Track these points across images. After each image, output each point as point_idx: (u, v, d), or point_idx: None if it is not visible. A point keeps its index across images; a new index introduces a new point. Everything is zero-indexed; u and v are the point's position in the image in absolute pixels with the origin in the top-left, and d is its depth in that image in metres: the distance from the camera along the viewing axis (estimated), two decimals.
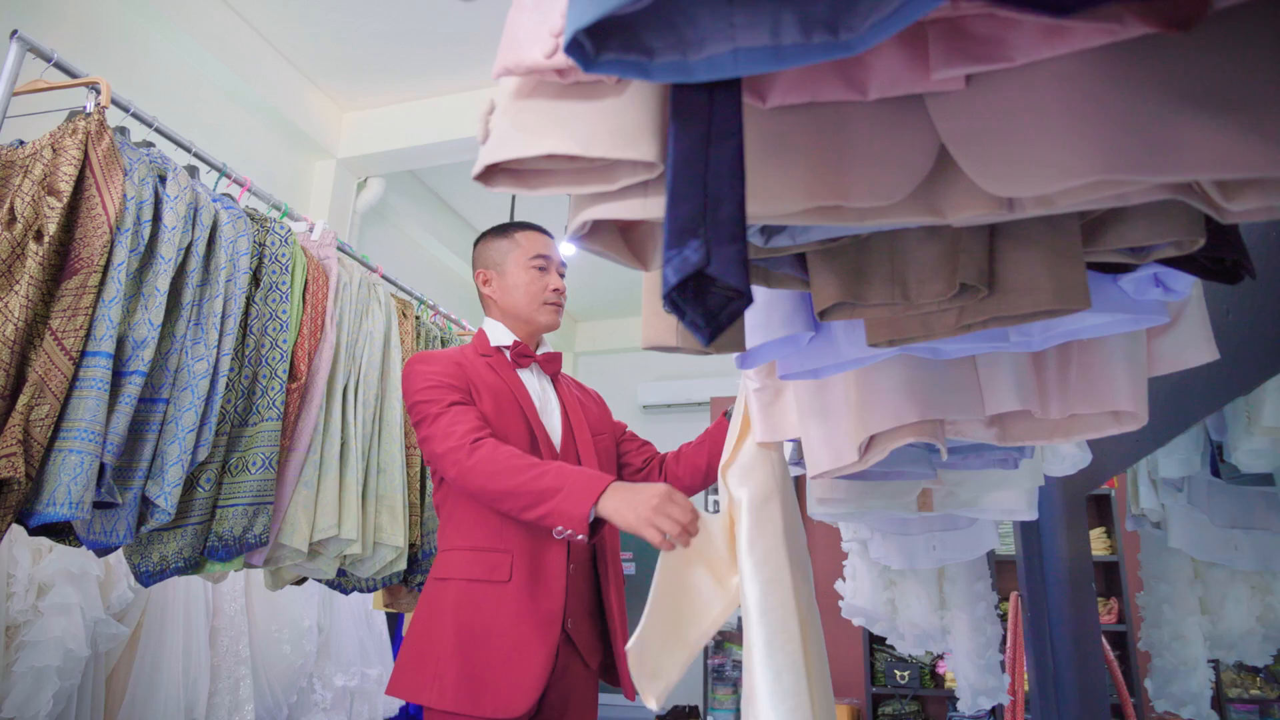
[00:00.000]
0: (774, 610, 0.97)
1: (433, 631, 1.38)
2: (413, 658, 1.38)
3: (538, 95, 0.59)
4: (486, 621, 1.35)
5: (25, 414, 1.25)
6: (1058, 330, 0.87)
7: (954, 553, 2.34)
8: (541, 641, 1.34)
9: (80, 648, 2.10)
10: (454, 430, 1.37)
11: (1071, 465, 1.73)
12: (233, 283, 1.60)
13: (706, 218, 0.43)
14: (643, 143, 0.55)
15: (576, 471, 1.29)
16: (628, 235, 0.67)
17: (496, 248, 1.66)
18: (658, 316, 0.77)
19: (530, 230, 1.68)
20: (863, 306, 0.70)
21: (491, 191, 2.41)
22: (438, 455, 1.38)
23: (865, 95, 0.55)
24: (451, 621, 1.36)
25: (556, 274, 1.66)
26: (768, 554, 1.02)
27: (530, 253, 1.64)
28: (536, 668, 1.32)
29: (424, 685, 1.33)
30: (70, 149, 1.36)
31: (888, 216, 0.58)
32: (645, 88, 0.56)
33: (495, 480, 1.30)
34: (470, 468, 1.32)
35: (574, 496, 1.24)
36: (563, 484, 1.26)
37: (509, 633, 1.34)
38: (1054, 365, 0.99)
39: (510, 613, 1.36)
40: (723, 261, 0.42)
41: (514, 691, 1.30)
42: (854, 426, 1.00)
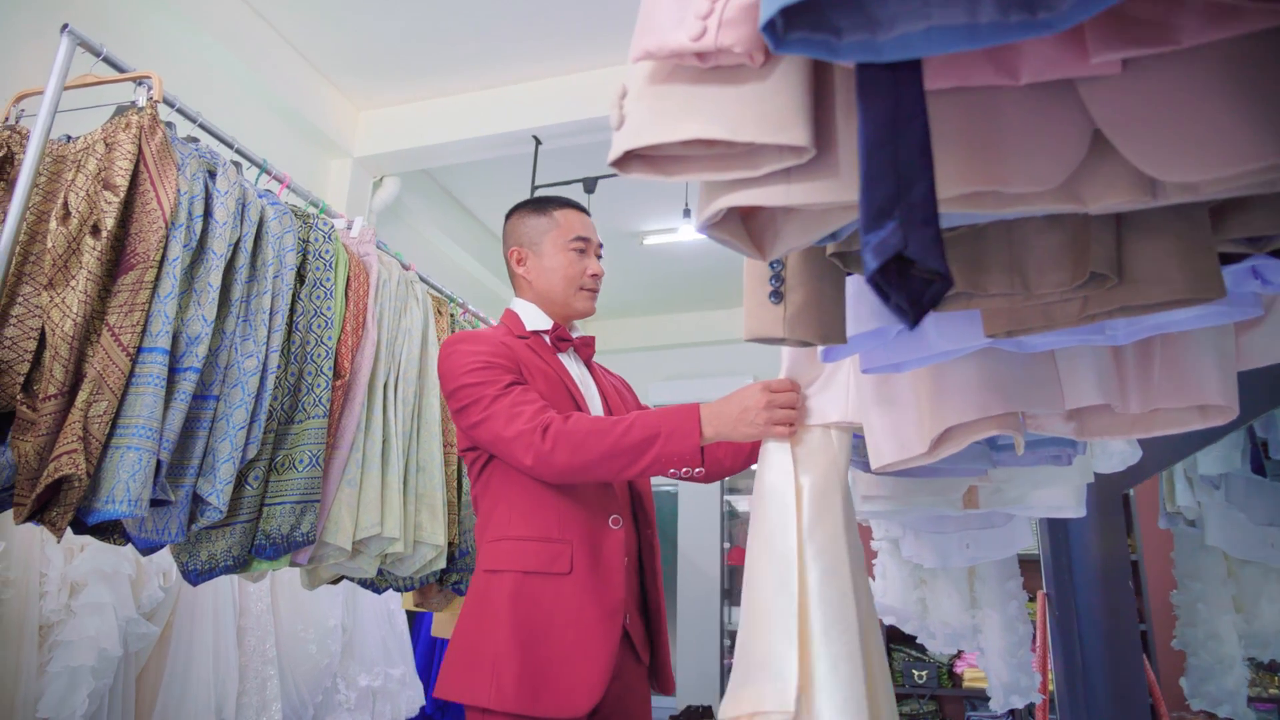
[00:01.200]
0: (832, 600, 0.95)
1: (487, 628, 1.30)
2: (465, 656, 1.31)
3: (675, 80, 0.58)
4: (546, 616, 1.29)
5: (84, 410, 1.24)
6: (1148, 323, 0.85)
7: (987, 551, 2.33)
8: (604, 637, 1.29)
9: (114, 647, 2.09)
10: (520, 412, 1.30)
11: (1121, 462, 1.72)
12: (280, 279, 1.59)
13: (900, 200, 0.42)
14: (794, 127, 0.54)
15: (660, 412, 1.26)
16: (748, 223, 0.67)
17: (533, 225, 1.58)
18: (762, 308, 0.76)
19: (570, 209, 1.60)
20: (980, 296, 0.70)
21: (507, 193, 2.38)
22: (505, 439, 1.30)
23: (1016, 80, 0.54)
24: (508, 617, 1.29)
25: (595, 257, 1.59)
26: (827, 543, 1.00)
27: (570, 233, 1.56)
28: (600, 664, 1.27)
29: (479, 686, 1.26)
30: (125, 143, 1.35)
31: (1030, 204, 0.57)
32: (791, 72, 0.55)
33: (583, 451, 1.24)
34: (550, 451, 1.26)
35: (678, 435, 1.21)
36: (659, 428, 1.22)
37: (571, 628, 1.29)
38: (1134, 359, 0.98)
39: (572, 606, 1.30)
40: (920, 244, 0.41)
41: (578, 690, 1.25)
42: (926, 418, 0.99)
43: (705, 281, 5.88)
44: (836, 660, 0.90)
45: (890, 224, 0.42)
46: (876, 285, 0.41)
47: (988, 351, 0.96)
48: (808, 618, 0.94)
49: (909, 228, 0.41)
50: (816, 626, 0.93)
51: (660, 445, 1.22)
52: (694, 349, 6.36)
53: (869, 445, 1.00)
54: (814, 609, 0.95)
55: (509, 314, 1.58)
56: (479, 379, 1.37)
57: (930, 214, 0.42)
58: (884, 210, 0.42)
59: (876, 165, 0.43)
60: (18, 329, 1.30)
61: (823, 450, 1.08)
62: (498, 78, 4.00)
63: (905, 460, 0.97)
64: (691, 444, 1.21)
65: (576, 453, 1.25)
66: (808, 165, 0.56)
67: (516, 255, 1.58)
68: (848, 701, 0.88)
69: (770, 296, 0.74)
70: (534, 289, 1.57)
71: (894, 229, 0.41)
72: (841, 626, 0.93)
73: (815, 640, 0.92)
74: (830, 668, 0.91)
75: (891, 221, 0.42)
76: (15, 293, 1.32)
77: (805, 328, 0.74)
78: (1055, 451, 1.46)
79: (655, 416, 1.25)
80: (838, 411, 1.06)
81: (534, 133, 3.97)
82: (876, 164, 0.43)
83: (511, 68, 3.92)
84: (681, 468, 1.23)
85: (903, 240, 0.41)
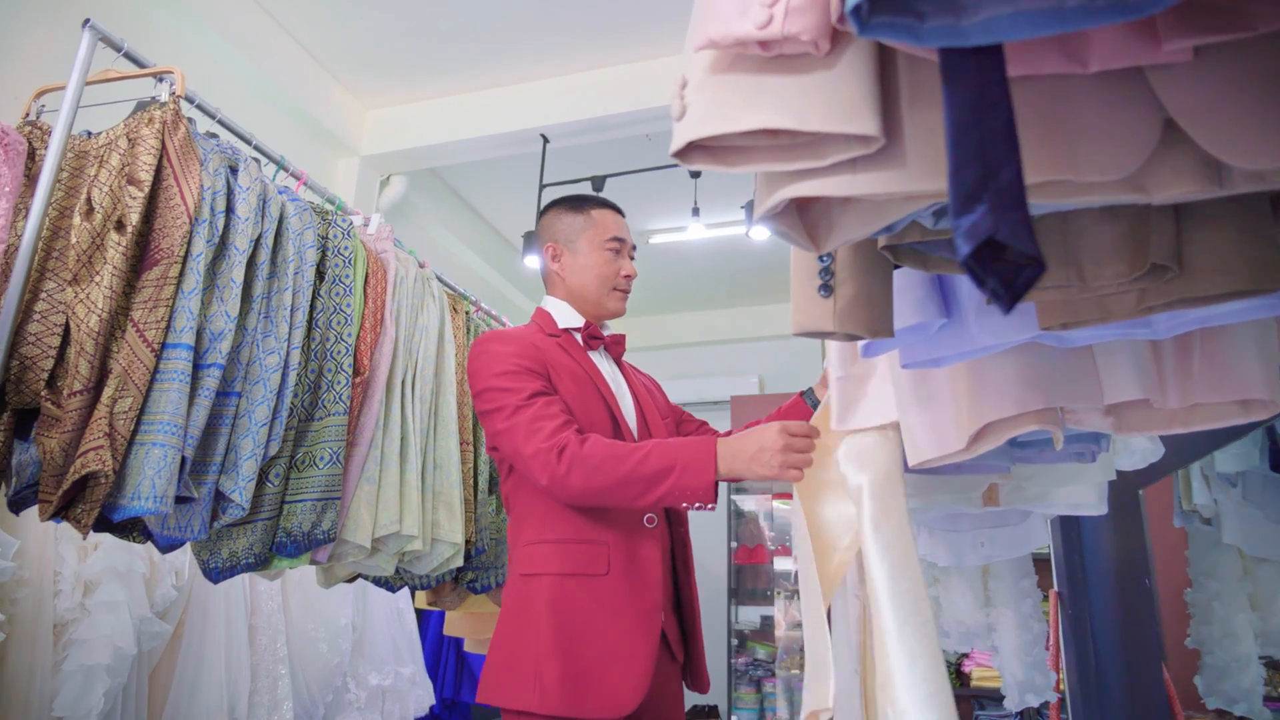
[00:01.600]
0: (904, 594, 0.95)
1: (527, 632, 1.31)
2: (506, 660, 1.31)
3: (737, 69, 0.58)
4: (586, 618, 1.29)
5: (110, 406, 1.23)
6: (1191, 316, 0.85)
7: (1002, 549, 2.33)
8: (645, 636, 1.29)
9: (129, 646, 2.09)
10: (539, 428, 1.30)
11: (1143, 459, 1.71)
12: (300, 275, 1.58)
13: (989, 184, 0.41)
14: (863, 116, 0.53)
15: (677, 444, 1.26)
16: (803, 215, 0.66)
17: (570, 222, 1.59)
18: (811, 302, 0.76)
19: (606, 208, 1.61)
20: (1034, 289, 0.69)
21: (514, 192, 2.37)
22: (523, 456, 1.31)
23: (1086, 69, 0.54)
24: (547, 620, 1.29)
25: (628, 259, 1.60)
26: (894, 537, 1.00)
27: (606, 233, 1.57)
28: (642, 663, 1.27)
29: (522, 690, 1.26)
30: (148, 138, 1.35)
31: (1095, 194, 0.57)
32: (857, 60, 0.55)
33: (598, 476, 1.25)
34: (565, 475, 1.26)
35: (692, 469, 1.21)
36: (674, 460, 1.23)
37: (611, 628, 1.29)
38: (1172, 353, 0.97)
39: (610, 607, 1.30)
40: (1011, 227, 0.41)
41: (620, 690, 1.25)
42: (964, 414, 0.98)
43: (711, 281, 5.88)
44: (915, 656, 0.90)
45: (980, 208, 0.41)
46: (971, 270, 0.40)
47: (1026, 346, 0.95)
48: (880, 614, 0.94)
49: (999, 212, 0.41)
50: (890, 623, 0.93)
51: (675, 478, 1.22)
52: (699, 348, 6.35)
53: (906, 443, 1.00)
54: (885, 605, 0.94)
55: (540, 312, 1.58)
56: (504, 384, 1.37)
57: (1019, 198, 0.42)
58: (973, 194, 0.41)
59: (964, 150, 0.42)
60: (41, 325, 1.29)
61: (880, 446, 1.08)
62: (505, 76, 4.00)
63: (944, 457, 0.97)
64: (706, 480, 1.22)
65: (591, 477, 1.26)
66: (874, 155, 0.55)
67: (552, 251, 1.58)
68: (933, 696, 0.87)
69: (819, 290, 0.73)
70: (567, 286, 1.57)
71: (984, 213, 0.41)
72: (917, 621, 0.93)
73: (889, 637, 0.92)
74: (909, 664, 0.90)
75: (981, 205, 0.41)
76: (39, 288, 1.31)
77: (855, 321, 0.73)
78: (1079, 448, 1.45)
79: (672, 448, 1.25)
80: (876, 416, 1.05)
81: (542, 131, 3.97)
82: (963, 148, 0.42)
83: (519, 66, 3.92)
84: (694, 503, 1.24)
85: (994, 224, 0.41)
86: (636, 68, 3.82)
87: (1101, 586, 2.55)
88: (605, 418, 1.43)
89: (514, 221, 5.07)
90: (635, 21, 3.57)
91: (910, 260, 0.75)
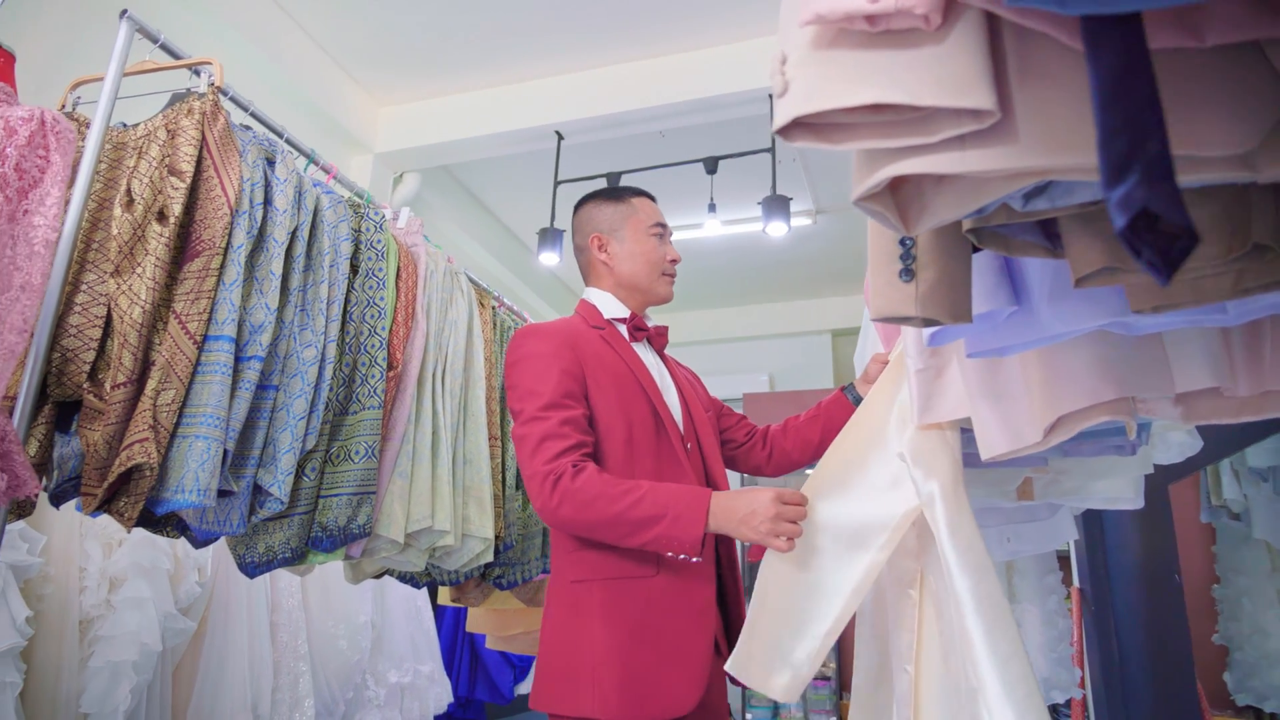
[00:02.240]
0: (988, 598, 0.94)
1: (581, 638, 1.29)
2: (560, 668, 1.30)
3: (840, 45, 0.56)
4: (639, 620, 1.28)
5: (154, 399, 1.22)
6: (1262, 303, 0.84)
7: (1029, 545, 2.31)
8: (700, 633, 1.29)
9: (154, 642, 2.08)
10: (544, 449, 1.30)
11: (1180, 452, 1.70)
12: (335, 268, 1.57)
13: (1138, 154, 0.40)
14: (977, 90, 0.52)
15: (672, 491, 1.25)
16: (894, 196, 0.65)
17: (612, 212, 1.58)
18: (891, 286, 0.75)
19: (644, 197, 1.61)
20: (1125, 272, 0.68)
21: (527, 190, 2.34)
22: (525, 473, 1.33)
23: (1202, 42, 0.53)
24: (601, 624, 1.29)
25: (669, 244, 1.60)
26: (970, 541, 0.99)
27: (650, 219, 1.57)
28: (699, 659, 1.27)
29: (581, 697, 1.25)
30: (189, 129, 1.34)
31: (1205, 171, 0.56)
32: (968, 33, 0.54)
33: (587, 512, 1.25)
34: (556, 506, 1.26)
35: (682, 520, 1.21)
36: (665, 509, 1.22)
37: (665, 628, 1.28)
38: (1242, 340, 0.96)
39: (663, 607, 1.29)
40: (1163, 198, 0.40)
41: (680, 688, 1.24)
42: (1038, 406, 0.97)
43: (723, 279, 5.87)
44: (1007, 661, 0.89)
45: (1132, 178, 0.40)
46: (1128, 242, 0.39)
47: (1097, 336, 0.94)
48: (965, 620, 0.93)
49: (1150, 183, 0.40)
50: (977, 629, 0.92)
51: (664, 526, 1.22)
52: (710, 346, 6.34)
53: (978, 437, 0.99)
54: (970, 611, 0.94)
55: (584, 304, 1.57)
56: (529, 386, 1.37)
57: (1168, 168, 0.41)
58: (1124, 165, 0.40)
59: (1112, 120, 0.41)
60: (83, 317, 1.28)
61: (942, 449, 1.06)
62: (519, 73, 3.99)
63: (1017, 450, 0.96)
64: (694, 534, 1.21)
65: (581, 512, 1.26)
66: (984, 132, 0.54)
67: (598, 242, 1.57)
68: (1027, 699, 0.87)
69: (901, 275, 0.72)
70: (615, 275, 1.56)
71: (1136, 183, 0.40)
72: (1004, 625, 0.92)
73: (978, 644, 0.91)
74: (1002, 668, 0.90)
75: (1133, 175, 0.40)
76: (79, 280, 1.30)
77: (937, 306, 0.72)
78: (1119, 441, 1.44)
79: (666, 495, 1.24)
80: (961, 407, 1.04)
81: (556, 128, 3.96)
82: (1112, 119, 0.41)
83: (533, 62, 3.91)
84: (679, 553, 1.23)
85: (1146, 195, 0.40)
86: (651, 64, 3.81)
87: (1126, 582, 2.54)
88: (647, 413, 1.41)
89: (527, 219, 5.06)
90: (649, 18, 3.55)
91: (993, 243, 0.74)
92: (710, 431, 1.52)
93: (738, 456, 1.67)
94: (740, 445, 1.67)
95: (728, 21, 3.55)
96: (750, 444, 1.67)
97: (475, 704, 4.03)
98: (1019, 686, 0.87)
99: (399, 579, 2.18)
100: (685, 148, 4.09)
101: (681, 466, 1.39)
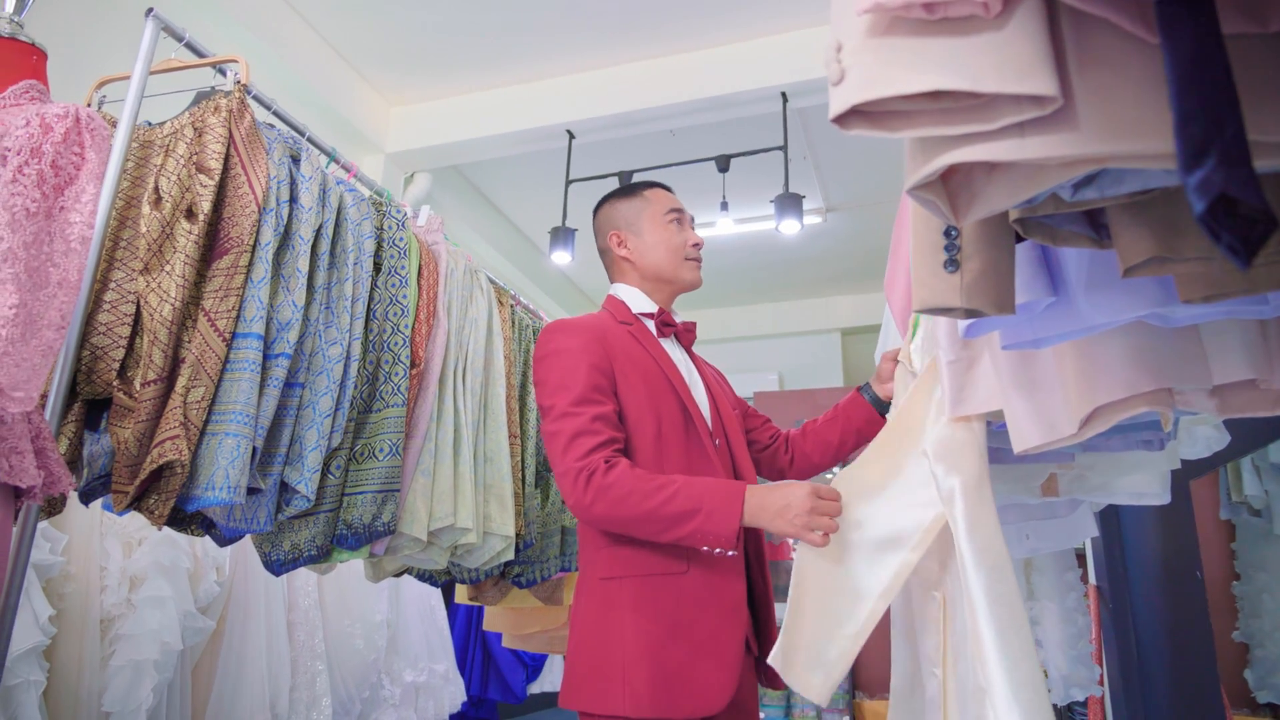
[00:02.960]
0: (1003, 598, 0.94)
1: (612, 635, 1.29)
2: (592, 665, 1.30)
3: (896, 32, 0.56)
4: (671, 617, 1.28)
5: (184, 396, 1.23)
6: None
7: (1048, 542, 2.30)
8: (731, 630, 1.28)
9: (175, 641, 2.09)
10: (577, 444, 1.29)
11: (1206, 447, 1.70)
12: (359, 266, 1.58)
13: (1216, 138, 0.40)
14: (1038, 75, 0.52)
15: (706, 485, 1.25)
16: (945, 185, 0.65)
17: (627, 207, 1.57)
18: (936, 277, 0.74)
19: (657, 187, 1.61)
20: (1175, 261, 0.68)
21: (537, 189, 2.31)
22: (558, 471, 1.31)
23: (1265, 28, 0.53)
24: (631, 622, 1.28)
25: (690, 228, 1.59)
26: (989, 540, 0.99)
27: (664, 208, 1.56)
28: (731, 657, 1.26)
29: (612, 695, 1.24)
30: (215, 127, 1.34)
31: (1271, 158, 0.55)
32: (1028, 19, 0.54)
33: (621, 508, 1.24)
34: (590, 503, 1.25)
35: (718, 515, 1.20)
36: (700, 503, 1.22)
37: (697, 625, 1.27)
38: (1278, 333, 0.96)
39: (693, 604, 1.28)
40: (1240, 181, 0.39)
41: (712, 686, 1.23)
42: (1074, 398, 0.96)
43: (734, 277, 5.87)
44: (1016, 662, 0.89)
45: (1210, 161, 0.40)
46: (1207, 226, 0.39)
47: (1133, 327, 0.93)
48: (977, 620, 0.93)
49: (1228, 167, 0.40)
50: (988, 629, 0.91)
51: (699, 521, 1.21)
52: (723, 345, 6.34)
53: (1011, 429, 0.98)
54: (982, 611, 0.93)
55: (612, 299, 1.56)
56: (559, 381, 1.36)
57: (1244, 152, 0.41)
58: (1202, 149, 0.40)
59: (1189, 104, 0.41)
60: (111, 314, 1.28)
61: (969, 443, 1.06)
62: (530, 72, 3.99)
63: (1052, 442, 0.95)
64: (730, 527, 1.20)
65: (615, 508, 1.25)
66: (1044, 119, 0.54)
67: (617, 239, 1.56)
68: (1034, 701, 0.86)
69: (945, 265, 0.72)
70: (638, 268, 1.55)
71: (1214, 166, 0.40)
72: (1016, 625, 0.92)
73: (988, 643, 0.91)
74: (1011, 668, 0.89)
75: (1210, 159, 0.40)
76: (108, 278, 1.31)
77: (982, 296, 0.72)
78: (1147, 436, 1.43)
79: (700, 489, 1.24)
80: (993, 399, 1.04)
81: (567, 127, 3.96)
82: (1188, 103, 0.41)
83: (544, 62, 3.91)
84: (715, 547, 1.23)
85: (1225, 179, 0.40)
86: (662, 62, 3.81)
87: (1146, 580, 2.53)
88: (676, 409, 1.40)
89: (537, 219, 5.06)
90: (660, 16, 3.55)
91: (1039, 234, 0.73)
92: (737, 429, 1.51)
93: (762, 460, 1.67)
94: (765, 448, 1.67)
95: (739, 20, 3.55)
96: (774, 448, 1.66)
97: (488, 703, 4.03)
98: (1026, 688, 0.87)
99: (418, 577, 2.18)
100: (697, 146, 4.09)
101: (711, 462, 1.38)
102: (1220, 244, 0.40)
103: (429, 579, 2.19)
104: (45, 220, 0.94)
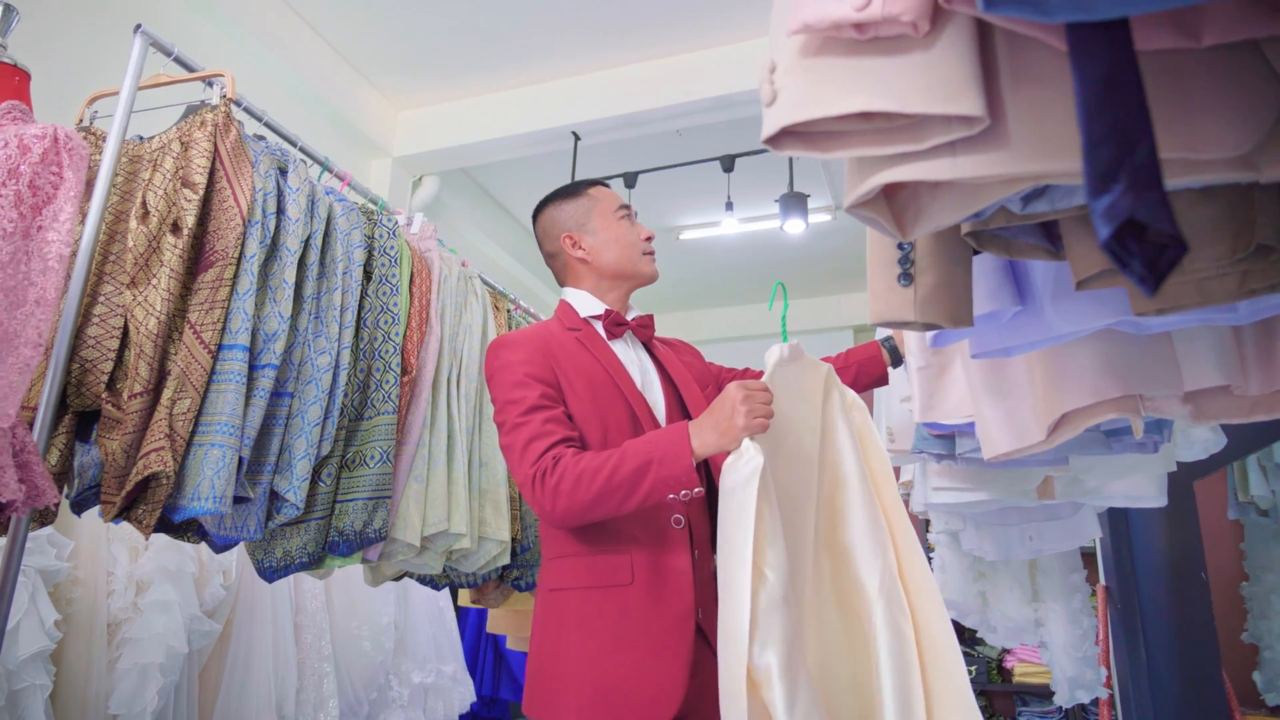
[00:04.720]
0: None
1: (558, 647, 1.30)
2: (541, 676, 1.31)
3: (828, 53, 0.56)
4: (613, 629, 1.27)
5: (169, 408, 1.24)
6: (1271, 303, 0.82)
7: (1052, 543, 2.29)
8: (677, 642, 1.26)
9: (181, 645, 2.11)
10: (531, 449, 1.28)
11: (1203, 450, 1.67)
12: (349, 275, 1.59)
13: (1125, 162, 0.40)
14: (966, 96, 0.52)
15: (649, 438, 1.24)
16: (890, 202, 0.65)
17: (575, 207, 1.56)
18: (891, 291, 0.74)
19: (600, 185, 1.60)
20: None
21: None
22: (518, 481, 1.31)
23: (1198, 42, 0.52)
24: (575, 634, 1.29)
25: (639, 223, 1.58)
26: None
27: (613, 205, 1.55)
28: (675, 671, 1.25)
29: (559, 705, 1.26)
30: (201, 141, 1.35)
31: (1204, 173, 0.55)
32: (957, 40, 0.53)
33: (578, 494, 1.22)
34: (551, 507, 1.24)
35: (669, 458, 1.19)
36: (649, 454, 1.21)
37: (640, 638, 1.27)
38: (1254, 339, 0.95)
39: (638, 617, 1.28)
40: (1150, 206, 0.39)
41: (658, 699, 1.23)
42: (1042, 404, 0.96)
43: (740, 276, 5.85)
44: None
45: (1117, 186, 0.40)
46: (1113, 252, 0.39)
47: (1103, 334, 0.93)
48: None
49: (1137, 191, 0.39)
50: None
51: (655, 471, 1.20)
52: (728, 344, 6.32)
53: (980, 435, 0.98)
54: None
55: (563, 304, 1.54)
56: (508, 396, 1.35)
57: (1155, 176, 0.40)
58: (1109, 174, 0.40)
59: (1097, 128, 0.41)
60: (100, 328, 1.30)
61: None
62: (535, 74, 4.00)
63: (1021, 449, 0.95)
64: (684, 465, 1.19)
65: (572, 497, 1.23)
66: (975, 137, 0.54)
67: (570, 240, 1.54)
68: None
69: (899, 279, 0.72)
70: (595, 268, 1.53)
71: (1122, 192, 0.39)
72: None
73: None
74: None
75: (1118, 184, 0.40)
76: (97, 292, 1.32)
77: (937, 310, 0.72)
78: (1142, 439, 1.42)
79: (644, 444, 1.23)
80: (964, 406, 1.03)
81: (573, 129, 3.96)
82: (1097, 127, 0.41)
83: (549, 64, 3.91)
84: (679, 490, 1.21)
85: (1133, 204, 0.39)
86: (666, 63, 3.80)
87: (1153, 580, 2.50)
88: (623, 413, 1.39)
89: None
90: (664, 17, 3.55)
91: (993, 246, 0.73)
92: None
93: None
94: None
95: (743, 19, 3.53)
96: None
97: (500, 703, 4.05)
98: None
99: (418, 581, 2.20)
100: (702, 146, 4.09)
101: None
102: (1127, 271, 0.40)
103: (430, 583, 2.20)
104: (22, 240, 0.96)
